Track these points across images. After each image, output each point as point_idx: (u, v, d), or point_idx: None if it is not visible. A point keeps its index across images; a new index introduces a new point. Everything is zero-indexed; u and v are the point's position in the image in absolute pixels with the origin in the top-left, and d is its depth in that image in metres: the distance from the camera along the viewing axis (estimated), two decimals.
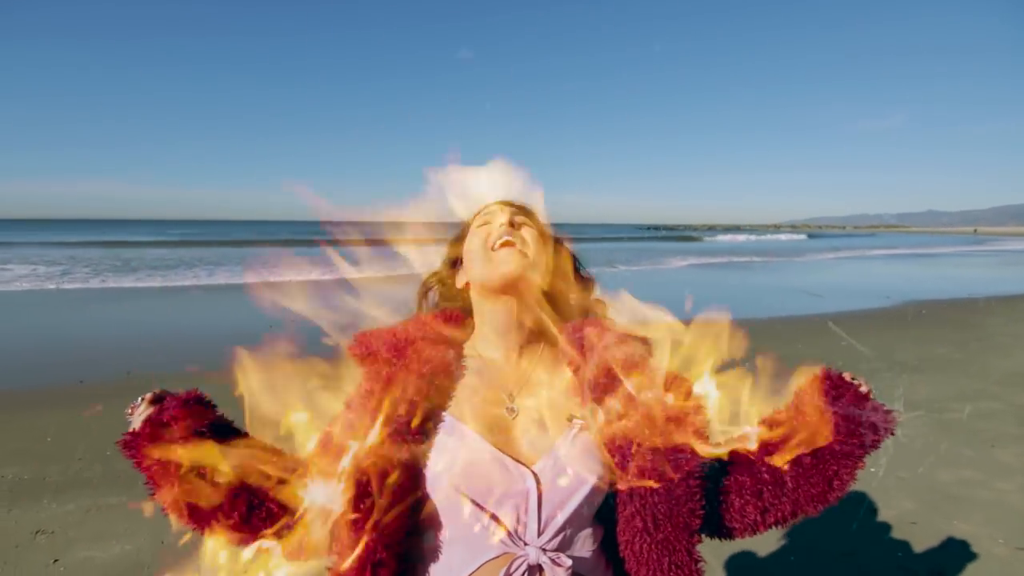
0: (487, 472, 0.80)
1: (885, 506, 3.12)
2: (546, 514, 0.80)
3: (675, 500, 0.80)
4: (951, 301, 10.66)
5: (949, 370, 5.79)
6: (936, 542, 2.81)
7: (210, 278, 14.34)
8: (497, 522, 0.80)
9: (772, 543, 2.78)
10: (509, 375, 0.91)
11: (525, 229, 0.94)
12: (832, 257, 26.38)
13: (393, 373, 0.85)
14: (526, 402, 0.88)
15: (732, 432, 0.89)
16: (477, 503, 0.79)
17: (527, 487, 0.80)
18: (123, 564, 2.52)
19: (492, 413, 0.86)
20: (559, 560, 0.80)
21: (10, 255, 20.62)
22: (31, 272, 15.09)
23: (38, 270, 15.60)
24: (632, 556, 0.82)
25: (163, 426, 0.81)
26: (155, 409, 0.82)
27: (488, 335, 0.94)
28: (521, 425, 0.86)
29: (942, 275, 17.50)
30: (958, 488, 3.33)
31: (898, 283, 14.80)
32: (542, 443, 0.84)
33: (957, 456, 3.75)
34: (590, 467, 0.82)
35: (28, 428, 4.05)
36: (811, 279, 16.03)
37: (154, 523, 2.88)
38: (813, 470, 0.84)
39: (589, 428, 0.85)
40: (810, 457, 0.84)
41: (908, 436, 4.06)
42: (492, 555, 0.80)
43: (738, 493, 0.88)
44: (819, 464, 0.84)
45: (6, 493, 3.16)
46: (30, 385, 5.08)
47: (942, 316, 8.87)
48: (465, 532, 0.80)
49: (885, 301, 10.54)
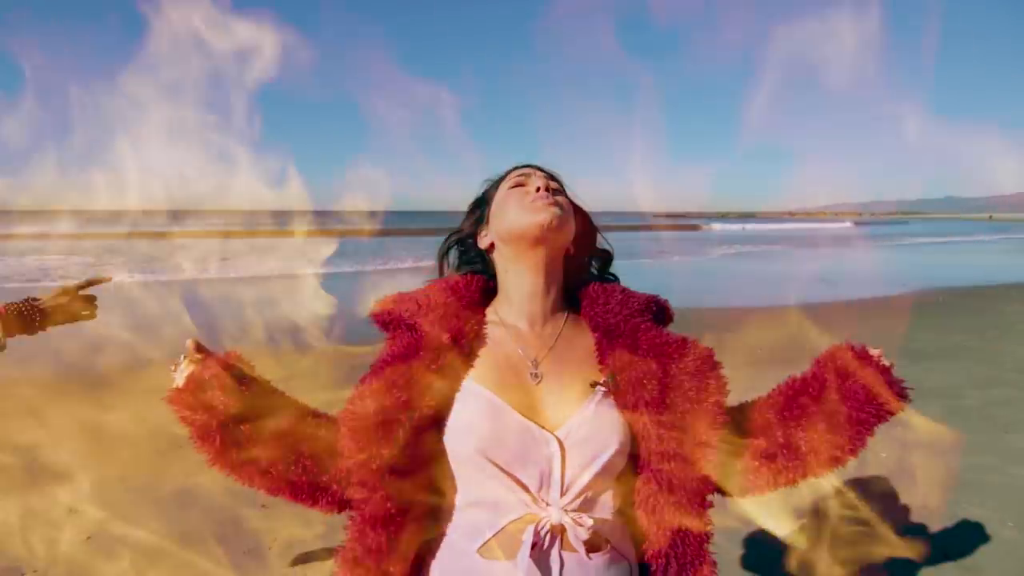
0: (512, 438, 0.83)
1: (897, 491, 3.18)
2: (568, 477, 0.83)
3: (690, 465, 0.84)
4: (969, 288, 10.54)
5: (964, 357, 5.77)
6: (946, 525, 2.86)
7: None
8: (520, 485, 0.83)
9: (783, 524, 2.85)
10: (533, 341, 0.92)
11: (560, 197, 0.95)
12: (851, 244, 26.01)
13: (416, 339, 0.88)
14: (550, 368, 0.90)
15: (747, 398, 0.95)
16: (501, 467, 0.82)
17: (551, 451, 0.83)
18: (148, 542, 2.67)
19: (516, 379, 0.88)
20: (581, 520, 0.83)
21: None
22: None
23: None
24: (645, 515, 0.86)
25: (205, 383, 0.86)
26: (197, 367, 0.87)
27: (512, 299, 0.95)
28: (545, 391, 0.88)
29: (961, 262, 17.22)
30: (970, 473, 3.36)
31: (916, 270, 14.63)
32: (566, 409, 0.86)
33: (971, 442, 3.78)
34: (611, 433, 0.85)
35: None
36: (826, 266, 15.88)
37: (178, 501, 3.03)
38: (828, 435, 0.87)
39: (611, 394, 0.87)
40: (824, 423, 0.87)
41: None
42: (515, 516, 0.83)
43: (753, 455, 0.90)
44: (833, 429, 0.87)
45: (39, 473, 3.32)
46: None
47: (960, 303, 8.78)
48: (489, 494, 0.84)
49: (902, 288, 10.46)
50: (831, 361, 0.92)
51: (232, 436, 0.85)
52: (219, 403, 0.85)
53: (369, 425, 0.82)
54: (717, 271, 15.48)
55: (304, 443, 0.88)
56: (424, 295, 0.94)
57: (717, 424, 0.85)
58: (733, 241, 28.42)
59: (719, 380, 0.88)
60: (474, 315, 0.93)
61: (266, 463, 0.86)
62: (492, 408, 0.84)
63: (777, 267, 16.15)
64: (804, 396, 0.91)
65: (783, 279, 13.18)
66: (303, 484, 0.88)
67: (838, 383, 0.89)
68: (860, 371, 0.88)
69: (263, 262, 11.94)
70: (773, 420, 0.91)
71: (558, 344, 0.92)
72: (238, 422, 0.86)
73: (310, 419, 0.91)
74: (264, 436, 0.86)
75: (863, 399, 0.87)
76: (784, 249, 23.03)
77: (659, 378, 0.86)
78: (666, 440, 0.85)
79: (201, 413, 0.85)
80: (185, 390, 0.86)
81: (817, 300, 9.31)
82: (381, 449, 0.81)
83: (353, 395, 0.87)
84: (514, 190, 0.95)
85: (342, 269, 12.25)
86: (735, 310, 8.06)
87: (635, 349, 0.89)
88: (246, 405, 0.86)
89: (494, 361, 0.89)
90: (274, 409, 0.89)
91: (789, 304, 8.93)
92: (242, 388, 0.87)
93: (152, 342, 1.31)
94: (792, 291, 10.71)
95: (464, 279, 0.97)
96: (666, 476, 0.85)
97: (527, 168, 0.99)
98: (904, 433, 1.13)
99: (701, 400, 0.85)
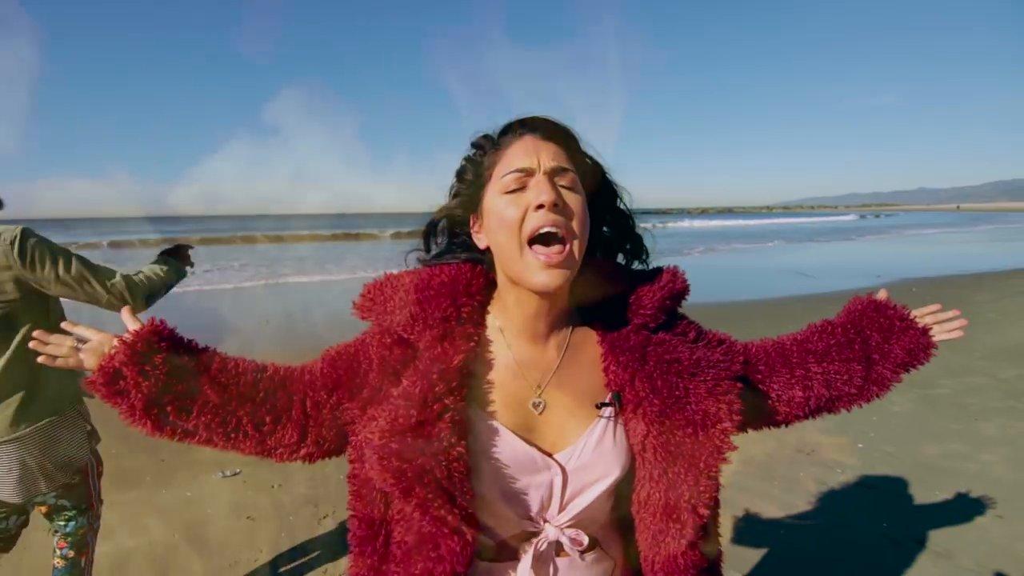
0: (514, 465, 0.78)
1: (872, 479, 3.23)
2: (567, 497, 0.80)
3: (685, 493, 0.77)
4: (942, 278, 10.78)
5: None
6: (920, 512, 2.91)
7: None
8: (520, 508, 0.80)
9: (763, 514, 2.89)
10: (536, 360, 0.83)
11: (570, 197, 0.77)
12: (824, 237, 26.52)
13: (411, 357, 0.81)
14: (553, 393, 0.82)
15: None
16: (501, 492, 0.79)
17: (552, 476, 0.79)
18: (158, 549, 2.60)
19: (518, 403, 0.81)
20: (578, 538, 0.81)
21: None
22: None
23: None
24: (640, 539, 0.82)
25: (116, 371, 0.80)
26: (105, 357, 0.81)
27: (513, 316, 0.83)
28: (549, 416, 0.82)
29: (936, 253, 17.63)
30: (943, 460, 3.43)
31: (891, 262, 14.93)
32: (569, 434, 0.81)
33: (943, 430, 3.86)
34: (614, 462, 0.80)
35: None
36: (800, 259, 16.14)
37: (180, 511, 2.96)
38: (850, 374, 0.93)
39: (616, 414, 0.81)
40: (847, 363, 0.93)
41: (895, 412, 4.17)
42: (513, 532, 0.82)
43: (785, 385, 0.93)
44: (863, 371, 0.93)
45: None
46: None
47: (932, 294, 8.96)
48: (488, 513, 0.80)
49: (876, 280, 10.65)
50: (874, 316, 0.95)
51: (162, 415, 0.82)
52: (136, 387, 0.80)
53: (399, 471, 0.75)
54: (705, 265, 15.65)
55: (244, 409, 0.83)
56: (418, 302, 0.82)
57: (720, 453, 0.77)
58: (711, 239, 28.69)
59: (731, 404, 0.79)
60: (476, 328, 0.83)
61: (205, 435, 0.84)
62: (496, 438, 0.79)
63: (756, 261, 16.37)
64: (846, 350, 0.94)
65: (758, 273, 13.36)
66: (247, 448, 0.85)
67: (879, 342, 0.94)
68: (901, 336, 0.94)
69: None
70: (799, 358, 0.94)
71: (563, 363, 0.84)
72: (166, 400, 0.81)
73: (250, 380, 0.85)
74: (196, 409, 0.82)
75: (901, 361, 0.94)
76: (763, 245, 23.36)
77: (663, 398, 0.79)
78: (661, 465, 0.78)
79: (122, 400, 0.81)
80: (99, 380, 0.81)
81: (790, 294, 9.46)
82: (415, 488, 0.75)
83: (372, 427, 0.79)
84: (512, 198, 0.76)
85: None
86: (725, 305, 8.13)
87: (642, 363, 0.81)
88: (169, 381, 0.81)
89: (496, 383, 0.82)
90: (204, 379, 0.82)
91: (755, 299, 9.07)
92: (163, 360, 0.81)
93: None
94: (765, 284, 10.86)
95: (463, 276, 0.84)
96: (661, 502, 0.78)
97: (527, 156, 0.77)
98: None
99: (707, 426, 0.78)
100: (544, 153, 0.77)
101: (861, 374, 0.93)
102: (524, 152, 0.78)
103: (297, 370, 0.89)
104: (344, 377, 0.84)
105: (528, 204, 0.75)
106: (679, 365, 0.81)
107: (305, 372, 0.88)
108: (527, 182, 0.76)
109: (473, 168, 0.84)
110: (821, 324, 0.97)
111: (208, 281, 11.59)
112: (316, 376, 0.86)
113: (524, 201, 0.75)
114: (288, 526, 2.84)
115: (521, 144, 0.79)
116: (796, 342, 0.96)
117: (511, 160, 0.78)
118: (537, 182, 0.76)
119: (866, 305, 0.96)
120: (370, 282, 0.87)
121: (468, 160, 0.86)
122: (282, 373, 0.88)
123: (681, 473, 0.77)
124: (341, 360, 0.86)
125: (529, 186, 0.76)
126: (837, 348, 0.94)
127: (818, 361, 0.94)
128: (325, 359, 0.88)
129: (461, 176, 0.86)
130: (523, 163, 0.77)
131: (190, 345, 0.87)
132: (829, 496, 3.09)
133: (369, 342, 0.85)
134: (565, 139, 0.81)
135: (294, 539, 2.74)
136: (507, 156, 0.79)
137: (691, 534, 0.77)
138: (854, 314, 0.96)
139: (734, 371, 0.83)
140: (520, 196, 0.76)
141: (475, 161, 0.84)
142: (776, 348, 0.96)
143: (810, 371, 0.93)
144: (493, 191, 0.79)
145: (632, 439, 0.81)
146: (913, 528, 2.75)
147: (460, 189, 0.86)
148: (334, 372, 0.85)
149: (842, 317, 0.97)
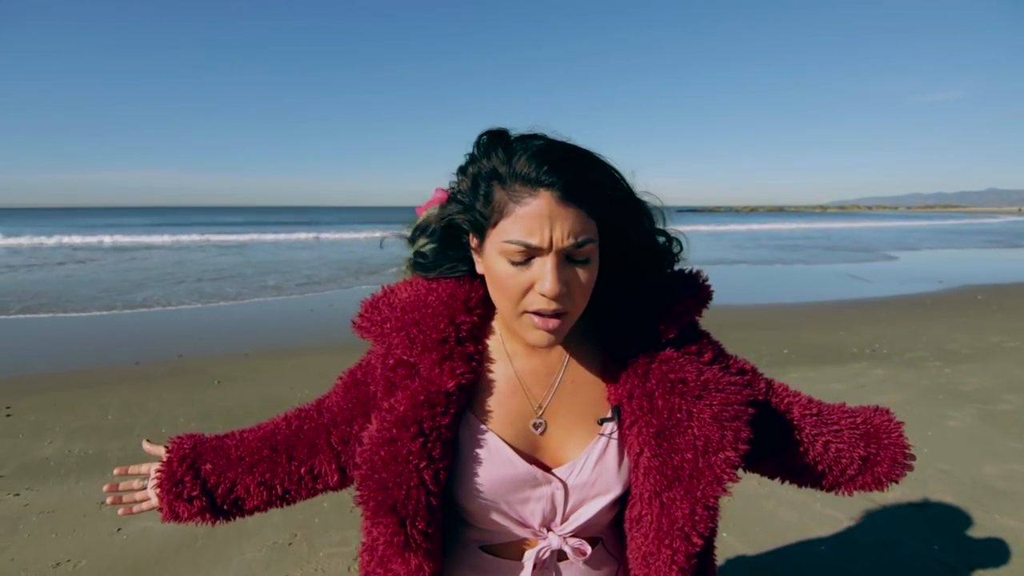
0: (515, 482, 0.78)
1: (924, 498, 3.05)
2: (570, 509, 0.81)
3: (678, 518, 0.75)
4: (1011, 286, 10.10)
5: (1002, 359, 5.51)
6: (975, 536, 2.73)
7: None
8: (521, 521, 0.81)
9: (802, 532, 2.77)
10: (537, 378, 0.81)
11: (580, 272, 0.69)
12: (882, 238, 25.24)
13: (414, 374, 0.80)
14: (554, 411, 0.81)
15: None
16: (502, 509, 0.80)
17: (553, 491, 0.79)
18: (180, 535, 2.71)
19: (521, 421, 0.80)
20: (581, 547, 0.82)
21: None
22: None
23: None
24: (632, 559, 0.81)
25: (171, 491, 0.89)
26: (156, 500, 0.91)
27: (512, 337, 0.81)
28: (550, 431, 0.80)
29: (1003, 257, 16.53)
30: (1004, 482, 3.21)
31: (954, 266, 14.09)
32: (570, 450, 0.80)
33: (1005, 449, 3.61)
34: (614, 480, 0.79)
35: (92, 407, 4.33)
36: (857, 263, 15.42)
37: None
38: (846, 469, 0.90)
39: (617, 429, 0.79)
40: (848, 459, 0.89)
41: (952, 428, 3.92)
42: (515, 539, 0.84)
43: (810, 436, 0.90)
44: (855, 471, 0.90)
45: (73, 467, 3.42)
46: (90, 365, 5.44)
47: (999, 302, 8.42)
48: (488, 526, 0.82)
49: (938, 286, 10.08)
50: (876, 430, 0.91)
51: (217, 511, 0.92)
52: (193, 515, 0.91)
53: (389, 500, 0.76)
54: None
55: (278, 479, 0.90)
56: (415, 323, 0.79)
57: (721, 483, 0.73)
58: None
59: (738, 432, 0.74)
60: (476, 345, 0.80)
61: (264, 508, 0.93)
62: (498, 455, 0.78)
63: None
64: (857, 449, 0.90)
65: (808, 276, 12.85)
66: (305, 497, 0.94)
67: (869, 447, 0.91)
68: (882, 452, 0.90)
69: None
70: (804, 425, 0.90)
71: (565, 375, 0.81)
72: (216, 500, 0.90)
73: (279, 450, 0.91)
74: (243, 496, 0.91)
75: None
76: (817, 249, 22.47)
77: (662, 419, 0.75)
78: (653, 487, 0.76)
79: (201, 518, 0.92)
80: (169, 518, 0.91)
81: (849, 298, 9.05)
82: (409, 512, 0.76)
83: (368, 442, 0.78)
84: (514, 271, 0.69)
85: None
86: (758, 308, 7.87)
87: (644, 380, 0.77)
88: (212, 487, 0.90)
89: (497, 399, 0.80)
90: (241, 470, 0.90)
91: (816, 302, 8.70)
92: (202, 472, 0.90)
93: None
94: (823, 288, 10.43)
95: (462, 291, 0.80)
96: (653, 525, 0.77)
97: (543, 199, 0.65)
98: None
99: (708, 453, 0.73)
100: (559, 225, 0.66)
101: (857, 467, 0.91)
102: (537, 221, 0.66)
103: (313, 410, 0.92)
104: (359, 405, 0.87)
105: (532, 281, 0.68)
106: (684, 386, 0.75)
107: (323, 410, 0.91)
108: (534, 257, 0.68)
109: (478, 195, 0.71)
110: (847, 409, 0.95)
111: None
112: (335, 411, 0.89)
113: (528, 278, 0.68)
114: (321, 511, 2.91)
115: (535, 207, 0.66)
116: (827, 406, 0.94)
117: (520, 225, 0.66)
118: (544, 264, 0.67)
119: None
120: (367, 299, 0.85)
121: (477, 178, 0.72)
122: (294, 426, 0.92)
123: (676, 499, 0.74)
124: (352, 388, 0.89)
125: (535, 264, 0.68)
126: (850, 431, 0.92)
127: (835, 434, 0.91)
128: (338, 390, 0.91)
129: (466, 193, 0.73)
130: (532, 239, 0.66)
131: (208, 444, 0.93)
132: (876, 513, 2.93)
133: (375, 363, 0.86)
134: (589, 195, 0.68)
135: (326, 525, 2.81)
136: (516, 216, 0.67)
137: (682, 561, 0.75)
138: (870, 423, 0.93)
139: (746, 396, 0.77)
140: (524, 270, 0.68)
141: (482, 186, 0.71)
142: (811, 400, 0.93)
143: (841, 434, 0.91)
144: (496, 244, 0.69)
145: (629, 456, 0.80)
146: (967, 553, 2.58)
147: (464, 204, 0.73)
148: (348, 403, 0.88)
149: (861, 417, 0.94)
